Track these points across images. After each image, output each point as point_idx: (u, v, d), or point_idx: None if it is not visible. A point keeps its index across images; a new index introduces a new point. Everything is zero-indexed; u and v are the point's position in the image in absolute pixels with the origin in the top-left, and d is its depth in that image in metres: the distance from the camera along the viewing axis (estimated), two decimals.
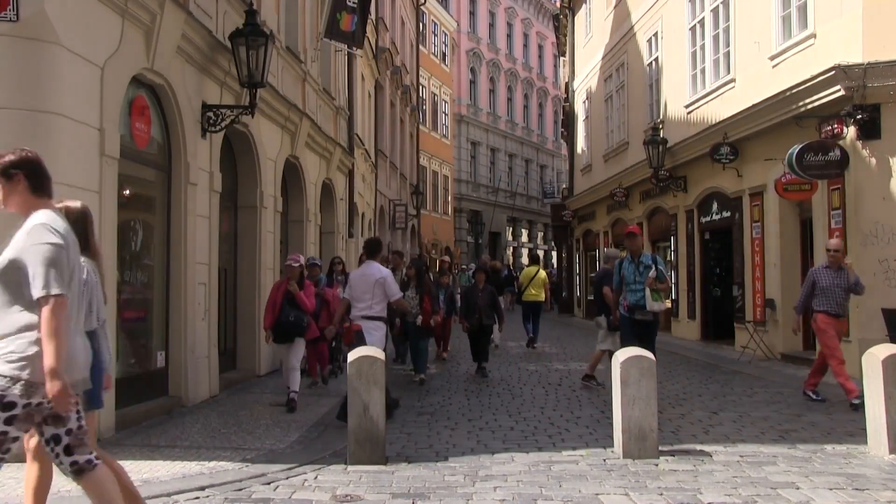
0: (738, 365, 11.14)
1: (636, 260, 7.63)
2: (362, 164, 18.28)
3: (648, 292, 7.44)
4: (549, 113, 45.21)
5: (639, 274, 7.54)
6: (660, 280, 7.49)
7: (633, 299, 7.55)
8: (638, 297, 7.51)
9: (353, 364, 5.36)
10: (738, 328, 12.79)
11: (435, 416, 7.39)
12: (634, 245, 7.67)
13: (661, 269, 7.51)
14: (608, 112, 20.57)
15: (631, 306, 7.58)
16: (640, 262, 7.61)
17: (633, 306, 7.56)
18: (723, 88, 13.31)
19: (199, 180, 7.95)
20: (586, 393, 8.60)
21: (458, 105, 36.48)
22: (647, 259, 7.62)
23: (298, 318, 7.48)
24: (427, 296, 9.36)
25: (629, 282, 7.61)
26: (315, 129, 12.32)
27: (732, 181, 13.04)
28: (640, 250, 7.70)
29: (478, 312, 10.04)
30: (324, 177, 13.57)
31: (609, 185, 19.41)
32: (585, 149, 23.47)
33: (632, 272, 7.61)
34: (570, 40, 24.62)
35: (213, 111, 8.11)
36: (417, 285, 9.45)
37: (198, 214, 7.92)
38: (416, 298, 9.32)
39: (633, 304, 7.56)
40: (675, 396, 8.39)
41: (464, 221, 36.84)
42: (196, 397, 7.78)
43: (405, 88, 26.23)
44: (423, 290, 9.39)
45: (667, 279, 7.63)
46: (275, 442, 6.13)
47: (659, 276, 7.48)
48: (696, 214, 14.84)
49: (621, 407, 5.44)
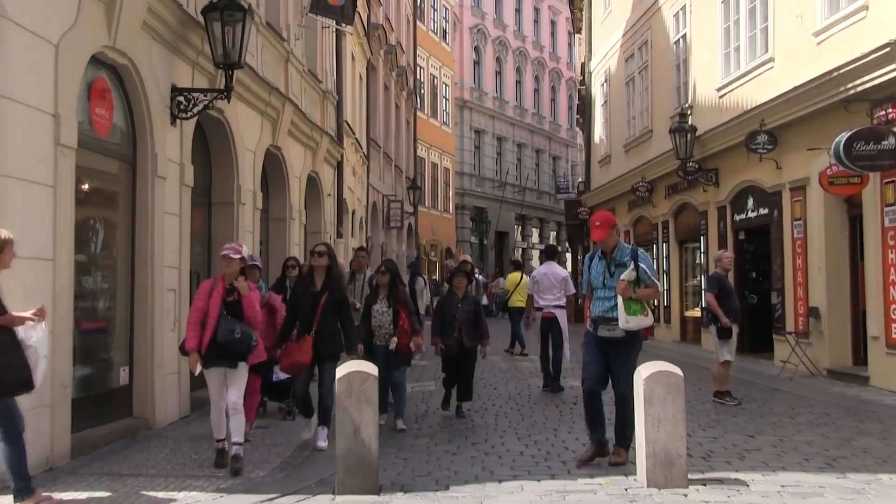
0: (777, 382, 11.09)
1: (608, 256, 6.12)
2: (352, 155, 18.26)
3: (621, 302, 5.91)
4: (562, 98, 45.21)
5: (609, 275, 6.05)
6: (642, 283, 5.99)
7: (600, 310, 6.07)
8: (606, 306, 6.02)
9: (343, 380, 5.34)
10: (778, 340, 12.75)
11: (434, 438, 7.35)
12: (603, 236, 6.04)
13: (643, 268, 5.98)
14: (629, 96, 20.53)
15: (595, 320, 6.11)
16: (612, 259, 6.09)
17: (598, 320, 6.08)
18: (760, 69, 13.27)
19: (169, 173, 7.93)
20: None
21: (461, 89, 36.50)
22: (623, 255, 6.08)
23: (247, 334, 6.03)
24: (404, 310, 7.79)
25: (597, 286, 6.13)
26: (299, 115, 12.30)
27: (770, 174, 13.01)
28: (614, 243, 6.11)
29: (457, 330, 8.22)
30: (309, 169, 13.55)
31: (630, 178, 19.38)
32: (604, 138, 23.44)
33: (600, 273, 6.12)
34: (587, 15, 24.62)
35: (184, 95, 8.09)
36: (390, 296, 7.83)
37: (167, 212, 7.90)
38: (390, 313, 7.77)
39: (597, 317, 6.09)
40: (705, 417, 8.34)
41: (467, 220, 36.84)
42: (164, 419, 7.75)
43: (401, 70, 26.24)
44: (398, 302, 7.81)
45: (654, 282, 6.02)
46: (253, 469, 6.09)
47: (641, 278, 5.98)
48: (729, 211, 14.81)
49: (645, 429, 5.40)
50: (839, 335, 11.46)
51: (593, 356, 6.11)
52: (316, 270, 7.03)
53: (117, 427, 7.13)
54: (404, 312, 7.80)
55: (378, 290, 7.96)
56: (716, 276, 9.45)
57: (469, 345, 8.31)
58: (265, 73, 10.61)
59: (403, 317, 7.78)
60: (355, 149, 18.69)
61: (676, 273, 17.68)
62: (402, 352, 7.78)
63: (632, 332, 5.99)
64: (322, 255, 7.00)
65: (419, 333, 8.10)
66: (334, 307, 6.90)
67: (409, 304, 8.02)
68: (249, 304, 6.10)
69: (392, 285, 7.87)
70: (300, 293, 7.05)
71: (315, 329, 6.81)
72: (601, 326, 6.04)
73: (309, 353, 6.76)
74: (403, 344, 7.74)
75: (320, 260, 7.00)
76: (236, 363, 6.08)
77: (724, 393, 9.27)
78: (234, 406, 6.10)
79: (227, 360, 6.04)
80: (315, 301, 6.86)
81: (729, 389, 9.35)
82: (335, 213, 15.72)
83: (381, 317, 7.81)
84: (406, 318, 7.78)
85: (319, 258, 7.00)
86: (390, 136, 25.18)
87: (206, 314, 6.01)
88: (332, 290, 6.92)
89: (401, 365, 7.97)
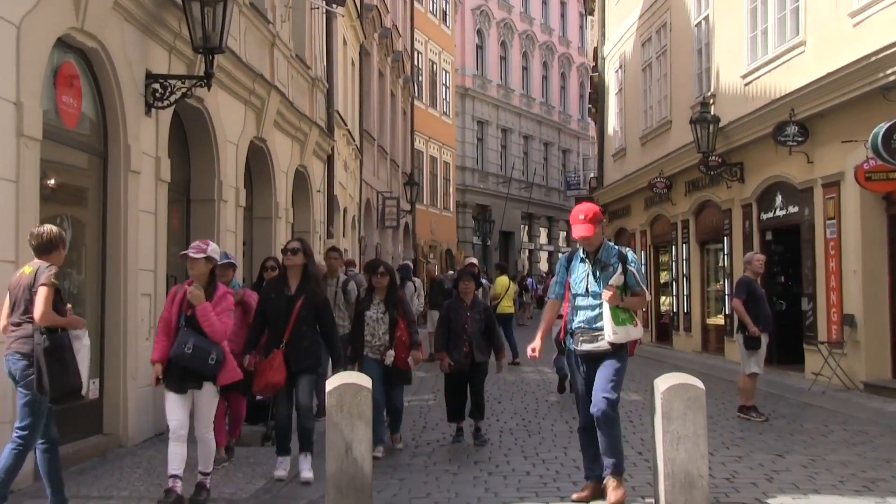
0: (808, 396, 11.08)
1: (592, 257, 5.74)
2: (344, 148, 18.26)
3: (608, 310, 5.56)
4: (573, 85, 45.25)
5: (593, 280, 5.66)
6: (630, 290, 5.66)
7: (582, 320, 5.66)
8: (589, 316, 5.63)
9: (334, 394, 5.32)
10: (809, 350, 12.74)
11: (433, 457, 7.34)
12: (588, 233, 5.63)
13: (633, 272, 5.64)
14: (646, 84, 20.52)
15: (574, 332, 5.71)
16: (597, 259, 5.71)
17: (579, 332, 5.67)
18: (790, 53, 13.26)
19: (143, 167, 7.92)
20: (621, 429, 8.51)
21: (462, 76, 36.53)
22: (609, 256, 5.71)
23: (201, 349, 5.58)
24: (403, 318, 7.40)
25: (577, 291, 5.70)
26: (286, 104, 12.30)
27: (801, 168, 12.99)
28: (600, 242, 5.73)
29: (466, 343, 7.74)
30: (297, 164, 13.54)
31: (647, 173, 19.37)
32: (618, 129, 23.43)
33: (581, 276, 5.71)
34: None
35: (160, 82, 8.09)
36: (387, 300, 7.43)
37: (141, 209, 7.89)
38: (386, 321, 7.34)
39: (578, 329, 5.68)
40: (729, 434, 8.33)
41: (469, 218, 36.86)
42: (137, 435, 7.73)
43: (397, 55, 26.25)
44: (396, 308, 7.41)
45: (643, 289, 5.69)
46: (236, 490, 6.08)
47: (629, 284, 5.64)
48: (756, 210, 14.80)
49: (663, 447, 5.39)
50: (877, 345, 11.43)
51: (585, 383, 5.74)
52: (290, 271, 6.53)
53: (86, 445, 7.11)
54: (403, 321, 7.35)
55: (373, 294, 7.48)
56: (745, 280, 9.42)
57: (480, 360, 7.79)
58: (249, 58, 10.61)
59: (402, 327, 7.33)
60: (347, 141, 18.69)
61: (697, 277, 17.67)
62: (400, 368, 7.34)
63: (618, 345, 5.63)
64: (296, 252, 6.49)
65: (419, 347, 7.64)
66: (312, 314, 6.43)
67: (409, 312, 7.59)
68: (203, 317, 5.57)
69: (391, 289, 7.46)
70: (271, 297, 6.52)
71: (286, 340, 6.34)
72: (582, 340, 5.64)
73: (282, 369, 6.31)
74: (401, 359, 7.30)
75: (294, 258, 6.48)
76: (200, 383, 5.65)
77: (750, 408, 9.25)
78: (200, 438, 5.75)
79: (190, 381, 5.63)
80: (288, 307, 6.38)
81: (755, 404, 9.32)
82: (325, 212, 15.70)
83: (374, 325, 7.36)
84: (405, 328, 7.35)
85: (293, 256, 6.48)
86: (385, 127, 25.19)
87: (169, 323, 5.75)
88: (309, 293, 6.44)
89: (399, 384, 7.57)
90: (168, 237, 8.59)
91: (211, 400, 5.80)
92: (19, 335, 4.98)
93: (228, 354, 5.82)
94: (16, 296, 5.05)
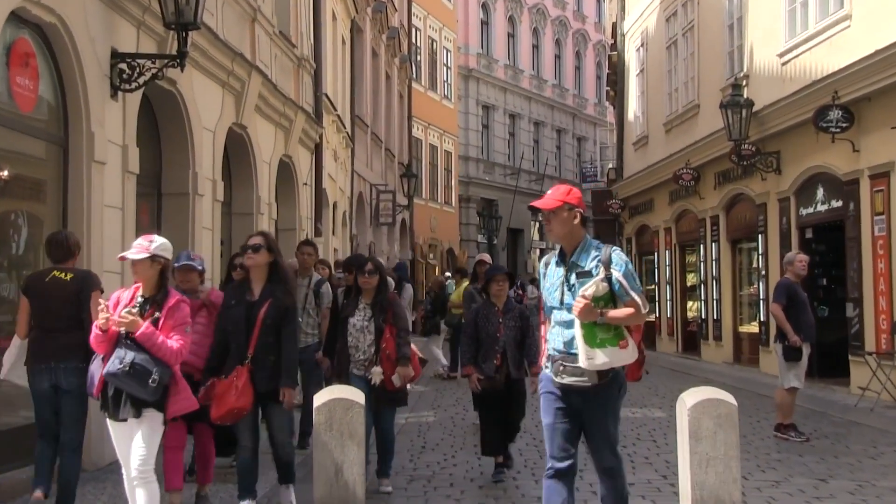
0: (854, 413, 11.05)
1: (567, 259, 4.94)
2: (334, 136, 18.25)
3: (579, 328, 4.71)
4: (589, 66, 45.23)
5: (567, 289, 4.85)
6: (617, 299, 4.77)
7: (558, 343, 4.85)
8: (567, 337, 4.81)
9: (323, 410, 5.31)
10: (855, 362, 12.71)
11: (433, 481, 7.33)
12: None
13: (618, 277, 4.76)
14: (671, 64, 20.50)
15: (552, 358, 4.90)
16: (571, 263, 4.89)
17: (557, 358, 4.85)
18: (833, 29, 13.23)
19: (109, 157, 7.90)
20: (643, 449, 8.56)
21: (466, 55, 36.52)
22: (589, 257, 4.87)
23: (141, 368, 5.00)
24: (390, 326, 6.86)
25: (551, 304, 4.95)
26: (269, 87, 12.29)
27: (845, 158, 12.97)
28: (579, 237, 4.93)
29: (498, 356, 7.27)
30: (281, 153, 13.53)
31: (672, 164, 19.36)
32: (639, 115, 23.42)
33: (556, 284, 4.93)
34: None
35: (128, 62, 8.06)
36: (375, 305, 6.94)
37: (106, 204, 7.87)
38: (371, 330, 6.88)
39: (556, 355, 4.87)
40: (765, 456, 8.31)
41: (473, 214, 36.85)
42: (101, 458, 7.68)
43: (392, 32, 26.24)
44: (384, 314, 6.90)
45: (634, 299, 4.75)
46: None
47: (617, 294, 4.77)
48: (794, 204, 14.78)
49: (690, 470, 5.39)
50: None
51: (556, 418, 4.91)
52: (252, 272, 6.02)
53: None
54: (390, 330, 6.83)
55: (359, 297, 7.00)
56: (785, 282, 9.40)
57: (517, 377, 7.30)
58: (227, 35, 10.59)
59: (387, 336, 6.81)
60: (337, 128, 18.68)
61: (728, 279, 17.65)
62: (389, 388, 6.78)
63: (606, 373, 4.73)
64: (258, 249, 5.95)
65: (408, 361, 6.86)
66: (278, 321, 5.93)
67: (400, 319, 6.98)
68: (147, 342, 5.02)
69: (379, 291, 6.94)
70: (230, 306, 6.02)
71: (251, 356, 5.87)
72: (561, 370, 4.80)
73: (248, 391, 5.80)
74: (389, 378, 6.76)
75: (257, 257, 5.94)
76: (138, 410, 5.08)
77: (788, 426, 9.22)
78: (138, 475, 5.13)
79: (128, 406, 5.08)
80: (251, 315, 5.90)
81: (795, 422, 9.30)
82: (313, 207, 15.69)
83: (358, 335, 6.89)
84: (391, 338, 6.80)
85: (255, 254, 5.94)
86: (380, 112, 25.18)
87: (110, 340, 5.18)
88: (276, 297, 5.94)
89: (388, 406, 6.98)
90: (137, 235, 8.54)
91: (150, 433, 5.16)
92: None
93: (180, 378, 5.28)
94: None
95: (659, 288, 21.86)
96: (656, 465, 7.78)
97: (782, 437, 9.15)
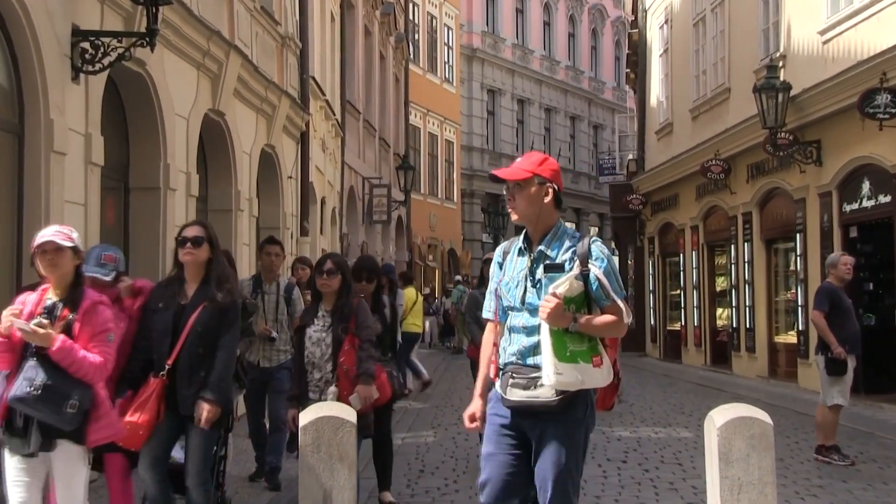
0: None
1: (533, 248, 4.45)
2: (322, 123, 18.26)
3: (548, 335, 4.22)
4: (607, 45, 45.24)
5: (531, 284, 4.38)
6: (596, 304, 4.32)
7: (515, 351, 4.36)
8: (526, 345, 4.33)
9: (309, 430, 5.30)
10: None
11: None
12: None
13: (597, 274, 4.30)
14: (698, 43, 20.50)
15: (504, 370, 4.39)
16: (539, 253, 4.41)
17: (510, 370, 4.35)
18: (881, 3, 13.23)
19: (70, 147, 7.88)
20: (668, 473, 8.56)
21: (469, 33, 36.55)
22: (562, 247, 4.41)
23: (55, 389, 4.55)
24: (352, 336, 6.32)
25: (509, 303, 4.44)
26: (249, 69, 12.29)
27: (894, 148, 12.97)
28: (550, 224, 4.46)
29: None
30: (263, 143, 13.53)
31: (700, 154, 19.37)
32: (663, 100, 23.41)
33: (516, 278, 4.44)
34: None
35: (91, 41, 8.02)
36: (335, 311, 6.38)
37: (67, 200, 7.85)
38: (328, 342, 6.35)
39: (508, 366, 4.37)
40: (804, 482, 8.29)
41: (477, 211, 36.87)
42: None
43: (387, 7, 26.27)
44: (343, 322, 6.32)
45: (616, 303, 4.30)
46: None
47: (594, 296, 4.32)
48: (837, 199, 14.77)
49: (720, 497, 5.37)
50: None
51: (497, 446, 4.36)
52: (188, 270, 5.53)
53: None
54: (350, 341, 6.27)
55: (319, 303, 6.47)
56: (827, 287, 9.38)
57: None
58: (202, 11, 10.59)
59: (346, 348, 6.26)
60: (325, 115, 18.69)
61: (763, 284, 17.64)
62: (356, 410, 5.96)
63: (571, 395, 4.24)
64: (200, 242, 5.49)
65: (371, 380, 6.26)
66: (214, 331, 5.44)
67: (364, 328, 6.37)
68: (64, 360, 4.56)
69: (341, 295, 6.38)
70: (157, 309, 5.50)
71: (169, 366, 5.33)
72: (514, 383, 4.30)
73: (153, 407, 5.24)
74: (346, 399, 6.12)
75: (198, 252, 5.48)
76: (50, 442, 4.61)
77: (831, 448, 9.20)
78: None
79: (40, 438, 4.58)
80: (178, 320, 5.42)
81: (838, 444, 9.28)
82: (298, 203, 15.70)
83: (314, 349, 6.37)
84: (350, 350, 6.26)
85: (196, 248, 5.47)
86: (373, 98, 25.20)
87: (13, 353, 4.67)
88: (212, 298, 5.45)
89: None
90: (101, 234, 8.55)
91: (72, 468, 4.71)
92: None
93: (104, 399, 4.79)
94: None
95: (685, 293, 21.86)
96: (682, 492, 7.77)
97: (824, 460, 9.13)
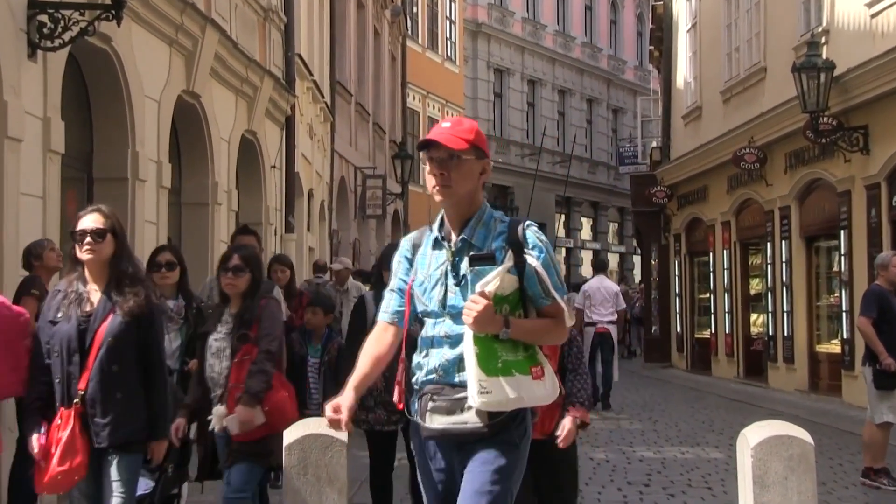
0: None
1: (456, 237, 4.08)
2: (309, 107, 18.26)
3: (471, 344, 3.86)
4: (627, 20, 45.24)
5: (454, 281, 4.01)
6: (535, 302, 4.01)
7: (434, 367, 4.00)
8: (448, 358, 3.98)
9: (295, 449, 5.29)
10: None
11: None
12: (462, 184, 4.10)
13: (534, 266, 3.95)
14: (730, 17, 20.48)
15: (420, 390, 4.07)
16: (463, 243, 4.04)
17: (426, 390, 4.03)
18: None
19: (26, 133, 7.88)
20: (696, 498, 8.56)
21: (474, 6, 36.55)
22: (490, 234, 4.08)
23: None
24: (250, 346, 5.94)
25: (425, 308, 4.10)
26: (228, 46, 12.29)
27: None
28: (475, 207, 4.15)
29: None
30: (243, 129, 13.55)
31: (732, 141, 19.36)
32: (690, 80, 23.39)
33: (434, 275, 4.08)
34: None
35: (50, 13, 8.01)
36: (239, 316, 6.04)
37: (23, 192, 7.86)
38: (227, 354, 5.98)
39: (424, 385, 4.04)
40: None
41: None
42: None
43: None
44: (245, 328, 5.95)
45: (557, 302, 3.97)
46: None
47: (530, 292, 3.99)
48: (885, 192, 14.75)
49: None
50: None
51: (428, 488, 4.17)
52: (90, 269, 5.11)
53: None
54: (246, 351, 5.90)
55: (225, 307, 6.15)
56: (875, 290, 9.36)
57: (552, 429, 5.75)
58: None
59: (237, 360, 5.90)
60: (313, 97, 18.69)
61: (802, 286, 17.62)
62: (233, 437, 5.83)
63: (507, 417, 3.91)
64: (103, 235, 5.05)
65: (254, 400, 5.80)
66: (129, 344, 5.06)
67: (267, 337, 5.97)
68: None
69: (246, 296, 6.03)
70: (55, 320, 5.10)
71: (82, 393, 4.97)
72: (435, 407, 3.98)
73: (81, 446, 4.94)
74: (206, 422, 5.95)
75: (101, 247, 5.04)
76: None
77: (879, 471, 9.17)
78: None
79: None
80: (83, 333, 5.02)
81: (887, 466, 9.26)
82: (283, 196, 15.70)
83: (213, 361, 6.02)
84: (240, 362, 5.89)
85: (96, 244, 5.02)
86: (366, 78, 25.19)
87: None
88: (122, 304, 5.04)
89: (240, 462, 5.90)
90: (62, 231, 8.53)
91: None
92: None
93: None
94: None
95: (715, 297, 21.84)
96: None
97: (872, 484, 9.11)
